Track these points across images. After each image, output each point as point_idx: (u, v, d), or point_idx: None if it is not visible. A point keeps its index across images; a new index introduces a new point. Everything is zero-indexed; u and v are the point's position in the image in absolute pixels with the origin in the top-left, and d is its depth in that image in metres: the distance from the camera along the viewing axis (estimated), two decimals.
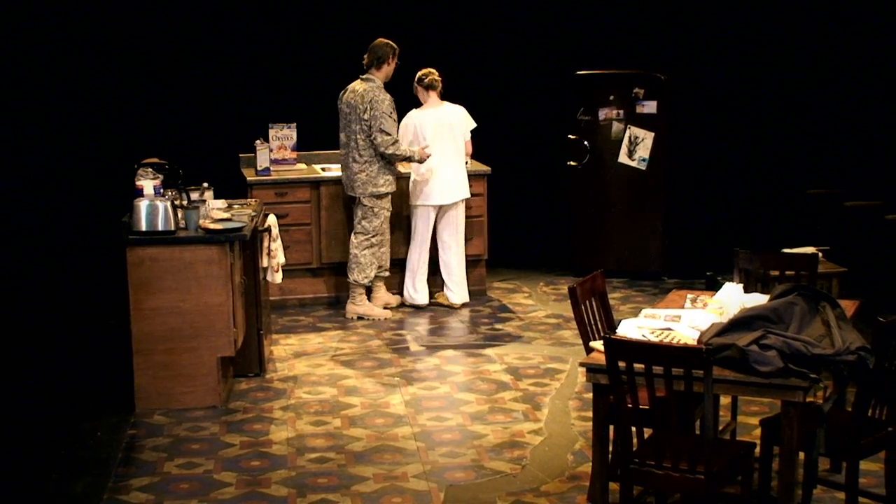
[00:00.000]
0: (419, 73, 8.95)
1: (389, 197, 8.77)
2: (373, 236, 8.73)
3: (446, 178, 8.90)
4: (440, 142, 8.85)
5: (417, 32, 10.75)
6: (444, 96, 9.07)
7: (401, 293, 9.19)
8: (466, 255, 9.40)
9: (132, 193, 6.89)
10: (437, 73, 8.95)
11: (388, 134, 8.50)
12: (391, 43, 8.67)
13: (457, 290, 9.13)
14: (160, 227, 6.75)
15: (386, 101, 8.55)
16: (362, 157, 8.59)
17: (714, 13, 10.65)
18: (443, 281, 9.15)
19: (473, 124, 9.10)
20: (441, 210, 9.03)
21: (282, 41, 10.49)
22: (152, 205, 6.74)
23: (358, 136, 8.57)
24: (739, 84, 10.73)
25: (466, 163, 9.18)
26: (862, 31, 10.11)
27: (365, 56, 8.67)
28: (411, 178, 8.98)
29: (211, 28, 10.49)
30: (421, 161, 8.70)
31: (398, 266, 9.15)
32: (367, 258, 8.74)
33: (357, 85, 8.66)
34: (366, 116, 8.51)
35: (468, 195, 9.06)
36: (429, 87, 8.91)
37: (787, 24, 10.50)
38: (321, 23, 10.49)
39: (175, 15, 10.43)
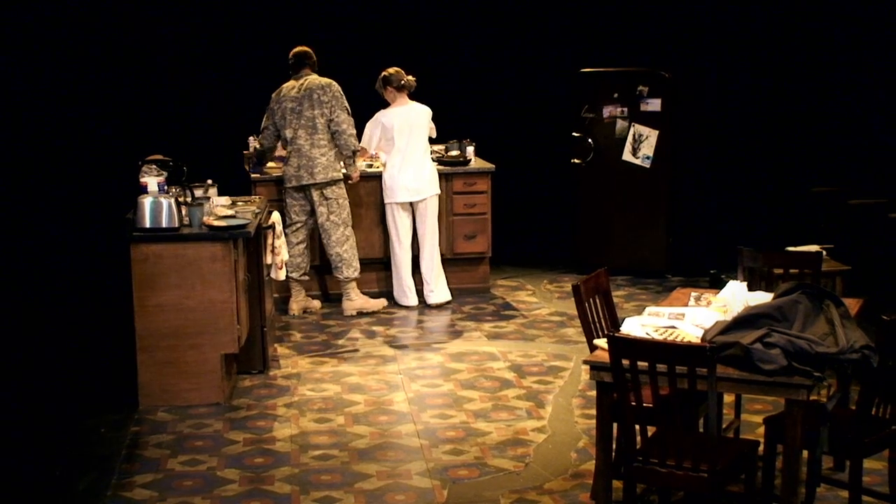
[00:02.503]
0: (388, 73, 8.92)
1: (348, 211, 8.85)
2: (345, 227, 8.77)
3: (413, 176, 8.94)
4: (408, 140, 8.88)
5: (420, 31, 10.77)
6: (447, 94, 9.07)
7: (390, 294, 9.22)
8: (470, 253, 9.43)
9: (136, 190, 6.90)
10: (404, 74, 8.95)
11: (350, 115, 8.64)
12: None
13: (435, 288, 9.13)
14: (164, 224, 6.75)
15: (339, 87, 8.66)
16: (321, 141, 8.63)
17: (718, 11, 10.65)
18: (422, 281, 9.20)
19: (434, 130, 9.10)
20: (414, 208, 9.04)
21: (285, 38, 10.49)
22: (156, 201, 6.75)
23: (318, 121, 8.58)
24: (743, 82, 10.74)
25: (434, 160, 9.23)
26: (866, 28, 10.10)
27: (291, 60, 8.74)
28: (382, 178, 9.02)
29: (215, 24, 10.50)
30: (350, 176, 8.74)
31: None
32: (348, 252, 8.77)
33: (296, 81, 8.70)
34: (325, 98, 8.57)
35: (437, 191, 9.08)
36: (401, 88, 8.92)
37: (791, 22, 10.49)
38: (324, 20, 10.50)
39: (179, 11, 10.44)
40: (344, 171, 8.79)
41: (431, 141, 9.14)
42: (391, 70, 8.94)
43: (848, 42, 10.22)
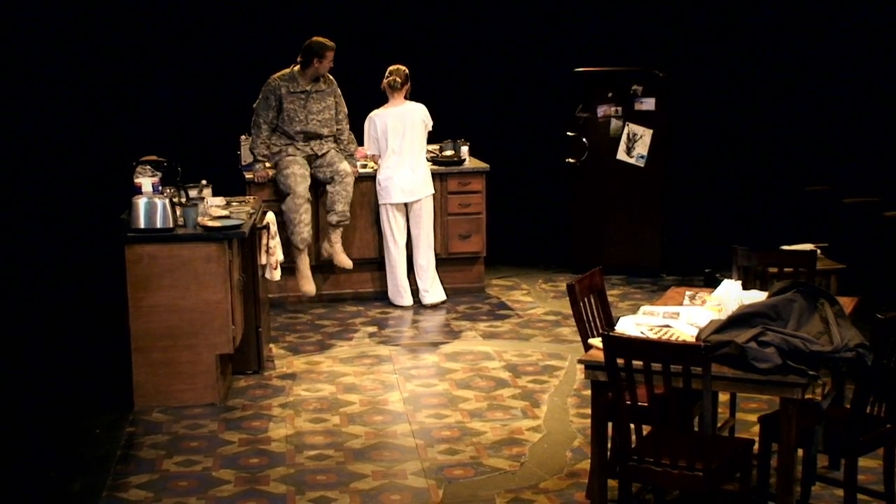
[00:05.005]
0: (387, 71, 8.95)
1: (291, 180, 8.71)
2: (286, 210, 8.76)
3: (407, 176, 8.94)
4: (400, 140, 8.90)
5: (416, 30, 10.77)
6: (442, 94, 9.06)
7: (385, 295, 9.24)
8: (465, 253, 9.44)
9: (131, 191, 6.89)
10: (400, 74, 8.93)
11: (255, 112, 8.79)
12: (319, 42, 8.66)
13: (430, 289, 9.13)
14: (159, 225, 6.75)
15: (270, 85, 8.76)
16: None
17: (712, 10, 10.66)
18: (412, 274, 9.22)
19: (431, 124, 9.08)
20: (408, 208, 9.05)
21: (278, 37, 10.48)
22: (151, 202, 6.74)
23: None
24: (738, 81, 10.74)
25: (428, 160, 9.23)
26: (859, 27, 10.11)
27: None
28: (377, 178, 9.02)
29: (209, 25, 10.48)
30: (255, 175, 8.89)
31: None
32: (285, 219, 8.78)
33: None
34: None
35: (431, 192, 9.09)
36: (391, 88, 8.92)
37: (785, 21, 10.50)
38: (318, 19, 10.49)
39: (173, 11, 10.42)
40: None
41: (430, 134, 9.12)
42: (390, 67, 8.96)
43: (842, 40, 10.23)
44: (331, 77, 8.90)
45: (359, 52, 9.07)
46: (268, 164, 8.91)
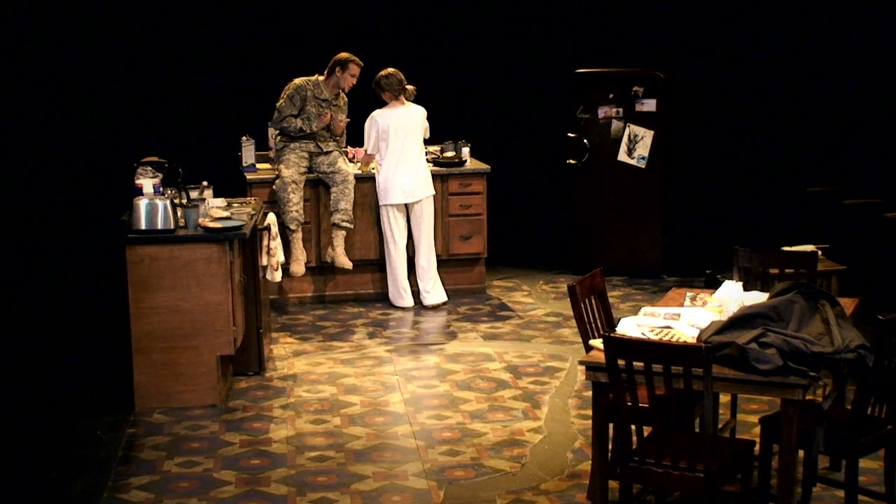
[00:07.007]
0: (386, 77, 8.94)
1: (284, 164, 8.90)
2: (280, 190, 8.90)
3: (408, 177, 8.95)
4: (401, 141, 8.91)
5: (416, 31, 10.77)
6: (443, 95, 9.06)
7: (386, 296, 9.24)
8: (465, 254, 9.43)
9: (132, 192, 6.89)
10: (404, 79, 8.95)
11: (277, 111, 8.93)
12: (344, 56, 8.86)
13: (431, 290, 9.13)
14: (160, 226, 6.75)
15: (291, 87, 8.93)
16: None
17: (713, 11, 10.66)
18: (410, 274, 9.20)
19: (428, 130, 9.12)
20: (409, 209, 9.05)
21: (282, 39, 10.49)
22: (152, 203, 6.74)
23: None
24: (739, 82, 10.74)
25: (429, 161, 9.24)
26: (860, 28, 10.11)
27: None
28: (376, 180, 9.02)
29: (211, 26, 10.48)
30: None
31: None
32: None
33: None
34: None
35: (432, 193, 9.10)
36: (399, 94, 8.93)
37: (786, 22, 10.50)
38: (319, 21, 10.49)
39: (174, 12, 10.42)
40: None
41: (426, 142, 9.14)
42: (388, 72, 8.94)
43: (843, 42, 10.23)
44: (345, 98, 9.09)
45: (359, 53, 9.05)
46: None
